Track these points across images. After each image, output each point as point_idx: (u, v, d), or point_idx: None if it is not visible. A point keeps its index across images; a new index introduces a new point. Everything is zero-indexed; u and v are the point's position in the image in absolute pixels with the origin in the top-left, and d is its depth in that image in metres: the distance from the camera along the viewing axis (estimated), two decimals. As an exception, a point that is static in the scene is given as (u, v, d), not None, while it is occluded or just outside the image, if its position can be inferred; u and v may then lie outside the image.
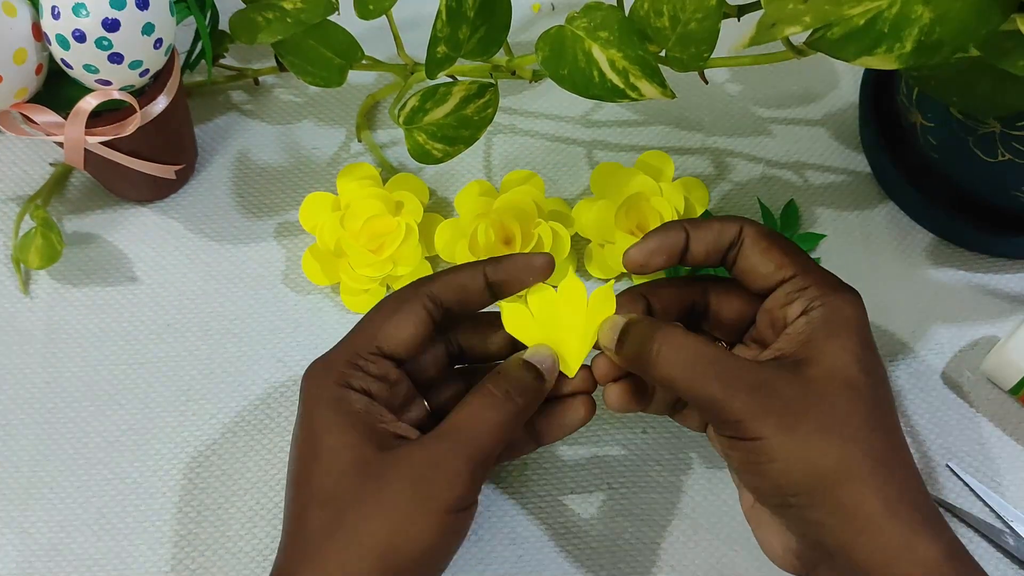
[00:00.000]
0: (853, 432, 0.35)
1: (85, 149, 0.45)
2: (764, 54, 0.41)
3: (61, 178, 0.54)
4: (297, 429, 0.39)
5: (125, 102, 0.45)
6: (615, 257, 0.50)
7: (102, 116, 0.45)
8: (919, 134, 0.49)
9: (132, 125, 0.45)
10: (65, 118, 0.44)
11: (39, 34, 0.43)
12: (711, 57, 0.41)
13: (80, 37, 0.41)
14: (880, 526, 0.34)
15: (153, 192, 0.54)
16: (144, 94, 0.46)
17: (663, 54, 0.42)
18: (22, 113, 0.44)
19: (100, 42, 0.42)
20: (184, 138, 0.53)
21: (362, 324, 0.40)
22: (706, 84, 0.46)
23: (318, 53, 0.48)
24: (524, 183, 0.52)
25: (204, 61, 0.52)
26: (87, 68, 0.43)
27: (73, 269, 0.52)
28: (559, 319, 0.41)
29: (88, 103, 0.44)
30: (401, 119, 0.47)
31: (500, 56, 0.47)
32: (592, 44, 0.42)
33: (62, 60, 0.43)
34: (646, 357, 0.37)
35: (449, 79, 0.48)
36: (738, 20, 0.42)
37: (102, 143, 0.46)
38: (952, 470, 0.47)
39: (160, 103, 0.47)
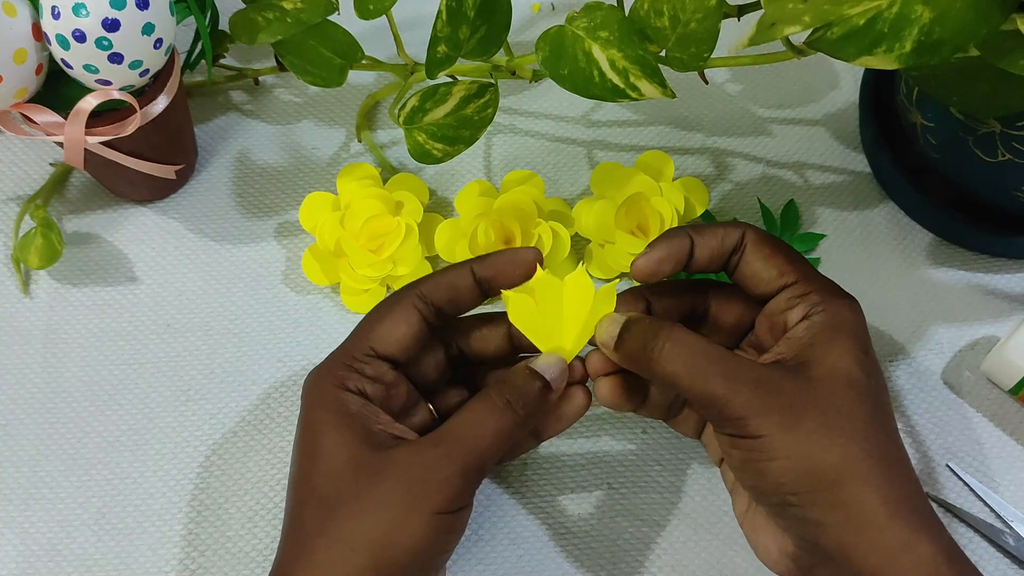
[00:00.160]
0: (855, 431, 0.36)
1: (85, 149, 0.45)
2: (764, 54, 0.41)
3: (61, 178, 0.54)
4: (297, 432, 0.39)
5: (125, 102, 0.45)
6: (615, 257, 0.50)
7: (102, 116, 0.45)
8: (919, 134, 0.49)
9: (132, 125, 0.45)
10: (65, 118, 0.44)
11: (39, 34, 0.43)
12: (711, 57, 0.41)
13: (80, 37, 0.41)
14: (880, 526, 0.34)
15: (153, 192, 0.54)
16: (144, 94, 0.46)
17: (663, 54, 0.42)
18: (22, 113, 0.44)
19: (100, 42, 0.42)
20: (184, 138, 0.53)
21: (357, 328, 0.41)
22: (706, 84, 0.46)
23: (318, 53, 0.48)
24: (524, 183, 0.52)
25: (204, 61, 0.52)
26: (87, 68, 0.43)
27: (73, 269, 0.52)
28: (562, 312, 0.41)
29: (88, 103, 0.44)
30: (401, 119, 0.47)
31: (500, 56, 0.48)
32: (592, 44, 0.42)
33: (62, 60, 0.43)
34: (648, 354, 0.37)
35: (449, 79, 0.48)
36: (738, 20, 0.42)
37: (102, 143, 0.46)
38: (952, 470, 0.47)
39: (160, 103, 0.47)
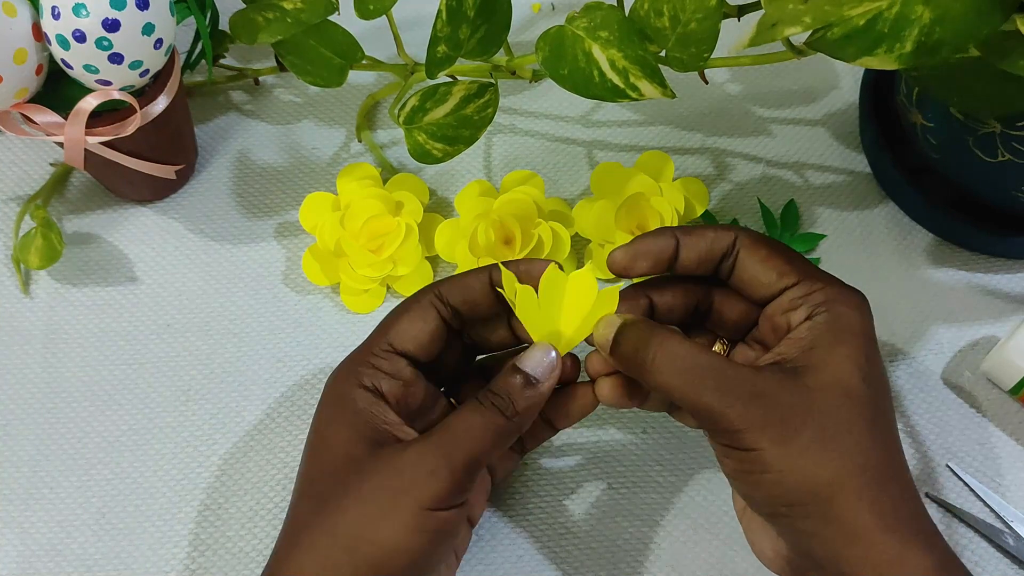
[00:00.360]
0: (851, 445, 0.35)
1: (85, 149, 0.45)
2: (764, 54, 0.41)
3: (61, 178, 0.54)
4: (310, 426, 0.40)
5: (125, 102, 0.45)
6: (615, 257, 0.50)
7: (102, 116, 0.45)
8: (919, 134, 0.49)
9: (132, 125, 0.45)
10: (65, 118, 0.44)
11: (39, 34, 0.43)
12: (711, 57, 0.41)
13: (80, 37, 0.41)
14: (872, 540, 0.34)
15: (153, 192, 0.54)
16: (144, 94, 0.46)
17: (663, 54, 0.42)
18: (22, 113, 0.44)
19: (100, 42, 0.42)
20: (184, 138, 0.53)
21: (377, 326, 0.41)
22: (706, 84, 0.46)
23: (318, 53, 0.48)
24: (524, 183, 0.52)
25: (204, 61, 0.52)
26: (87, 68, 0.43)
27: (73, 269, 0.52)
28: (562, 305, 0.40)
29: (88, 103, 0.44)
30: (401, 119, 0.47)
31: (500, 56, 0.48)
32: (592, 44, 0.42)
33: (62, 60, 0.43)
34: (641, 363, 0.37)
35: (449, 79, 0.48)
36: (738, 20, 0.42)
37: (102, 143, 0.46)
38: (952, 470, 0.47)
39: (160, 103, 0.47)
